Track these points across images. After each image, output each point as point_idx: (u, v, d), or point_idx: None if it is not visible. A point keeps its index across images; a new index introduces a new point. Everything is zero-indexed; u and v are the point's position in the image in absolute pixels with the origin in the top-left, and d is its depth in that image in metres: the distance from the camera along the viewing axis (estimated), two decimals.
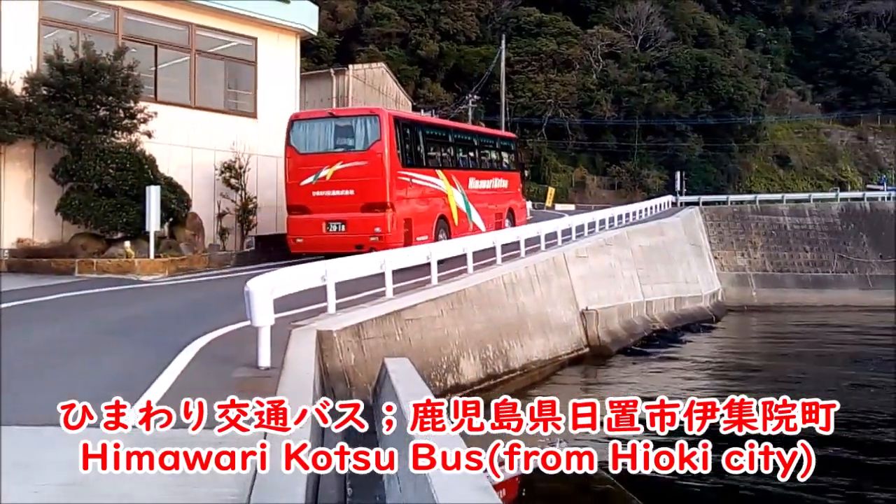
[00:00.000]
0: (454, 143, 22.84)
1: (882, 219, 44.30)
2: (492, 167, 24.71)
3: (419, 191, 19.68)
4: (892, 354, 23.34)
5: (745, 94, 62.38)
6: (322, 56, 56.05)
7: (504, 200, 24.57)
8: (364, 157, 18.36)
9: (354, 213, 18.20)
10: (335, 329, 9.90)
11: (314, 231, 18.47)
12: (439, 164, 21.14)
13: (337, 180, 18.34)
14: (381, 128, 18.34)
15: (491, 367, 14.23)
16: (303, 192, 18.69)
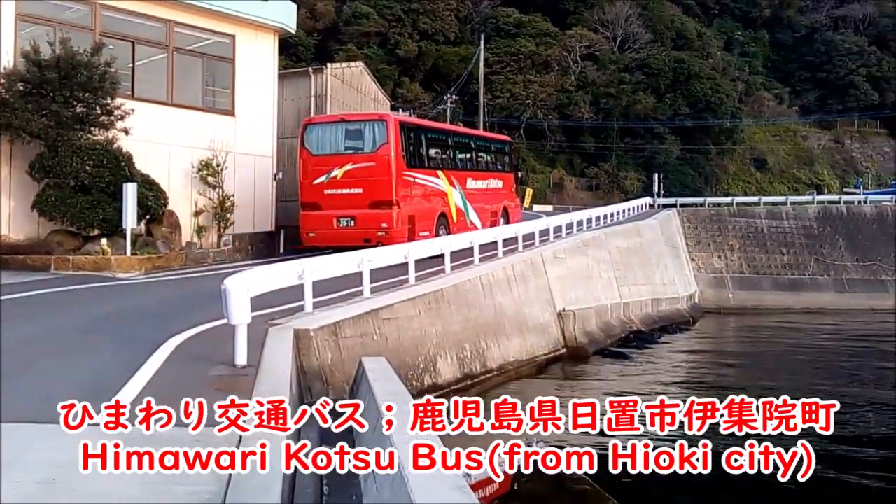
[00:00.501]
0: (453, 146, 24.55)
1: (858, 222, 44.85)
2: (488, 168, 26.27)
3: (422, 190, 21.22)
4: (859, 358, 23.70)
5: (722, 97, 62.93)
6: (300, 55, 55.86)
7: (499, 200, 26.08)
8: (372, 159, 20.01)
9: (363, 209, 19.78)
10: (312, 328, 9.89)
11: (326, 226, 20.02)
12: (440, 165, 22.71)
13: (347, 179, 19.99)
14: (388, 131, 20.04)
15: (468, 367, 14.27)
16: (315, 190, 20.32)
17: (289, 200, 26.19)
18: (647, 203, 44.39)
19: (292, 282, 10.82)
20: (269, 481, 4.65)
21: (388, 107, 36.87)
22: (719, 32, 77.77)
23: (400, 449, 4.54)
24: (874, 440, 13.32)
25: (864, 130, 75.32)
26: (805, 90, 76.52)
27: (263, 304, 10.25)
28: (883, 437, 13.82)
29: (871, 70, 73.79)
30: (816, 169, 70.68)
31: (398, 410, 5.70)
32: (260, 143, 22.64)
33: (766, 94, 74.90)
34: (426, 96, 60.29)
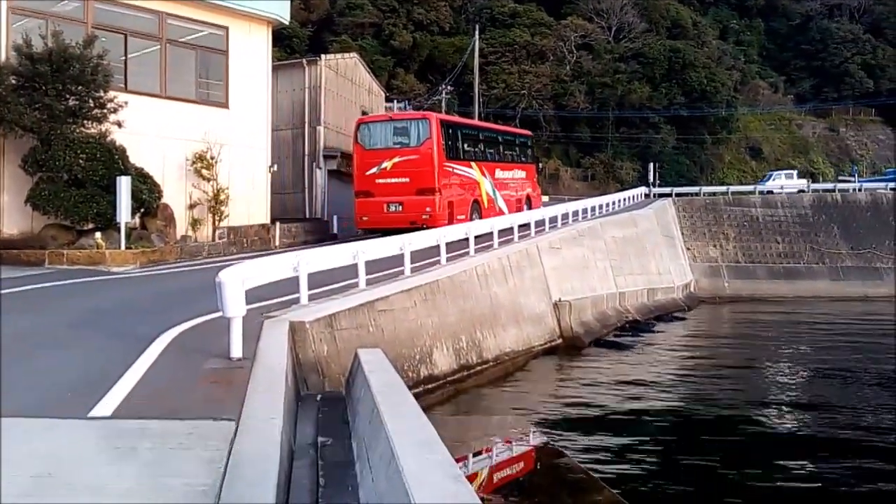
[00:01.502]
0: (484, 140, 27.30)
1: (853, 210, 44.91)
2: (513, 160, 28.92)
3: (459, 179, 24.16)
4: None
5: (717, 86, 62.84)
6: (294, 46, 55.62)
7: (522, 189, 28.96)
8: (417, 152, 23.00)
9: (410, 196, 22.61)
10: (308, 320, 9.86)
11: (377, 211, 22.83)
12: (473, 158, 25.47)
13: (395, 170, 22.86)
14: (431, 128, 23.12)
15: (464, 358, 14.26)
16: (368, 180, 23.17)
17: (284, 192, 26.16)
18: (643, 193, 44.42)
19: (287, 274, 10.80)
20: (264, 472, 4.63)
21: (382, 98, 36.80)
22: (714, 21, 77.61)
23: (395, 439, 4.52)
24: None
25: (858, 118, 75.31)
26: (800, 78, 76.46)
27: (259, 296, 10.24)
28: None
29: (866, 58, 73.69)
30: (812, 157, 70.70)
31: (394, 401, 5.69)
32: (254, 135, 22.58)
33: (761, 82, 74.84)
34: (421, 87, 60.09)
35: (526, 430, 11.16)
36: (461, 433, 11.35)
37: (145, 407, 6.16)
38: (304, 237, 24.82)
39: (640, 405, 14.15)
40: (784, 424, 13.49)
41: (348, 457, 5.97)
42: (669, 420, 13.51)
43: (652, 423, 12.96)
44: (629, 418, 13.12)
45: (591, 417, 13.11)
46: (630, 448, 11.30)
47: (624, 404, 14.12)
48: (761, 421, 13.37)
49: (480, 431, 11.69)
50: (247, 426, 5.50)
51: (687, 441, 11.99)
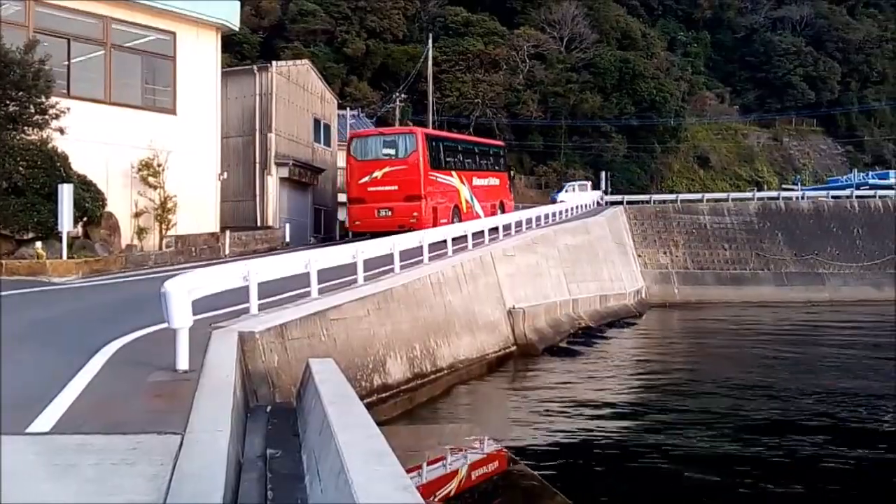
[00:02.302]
0: (462, 151, 29.67)
1: (796, 218, 46.05)
2: (488, 169, 31.30)
3: (441, 187, 26.43)
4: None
5: (666, 96, 63.98)
6: (245, 52, 55.05)
7: (497, 196, 31.14)
8: (405, 163, 25.36)
9: (398, 202, 24.87)
10: (257, 330, 9.67)
11: (369, 216, 25.06)
12: (453, 167, 27.74)
13: (385, 179, 25.09)
14: (417, 142, 25.61)
15: (418, 367, 14.16)
16: (360, 188, 25.44)
17: (234, 200, 25.80)
18: (595, 200, 44.89)
19: (237, 284, 10.58)
20: (210, 486, 4.50)
21: (335, 106, 36.62)
22: (663, 33, 79.07)
23: (345, 450, 4.42)
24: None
25: (801, 128, 77.40)
26: (745, 89, 78.32)
27: (208, 306, 10.03)
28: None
29: (808, 70, 75.79)
30: (757, 166, 72.37)
31: (344, 412, 5.58)
32: (203, 142, 22.25)
33: (708, 93, 76.43)
34: (374, 95, 59.92)
35: (480, 438, 11.11)
36: (415, 442, 11.25)
37: (86, 422, 5.97)
38: (256, 246, 24.49)
39: (592, 411, 14.22)
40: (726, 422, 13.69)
41: (298, 469, 5.87)
42: (622, 425, 13.60)
43: (604, 429, 13.02)
44: (581, 424, 13.17)
45: (545, 424, 13.14)
46: (583, 453, 11.33)
47: (576, 410, 14.18)
48: (709, 423, 13.52)
49: (434, 440, 11.60)
50: (192, 440, 5.35)
51: (640, 445, 12.07)
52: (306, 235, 31.26)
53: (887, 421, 14.19)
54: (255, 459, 6.19)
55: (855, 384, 17.41)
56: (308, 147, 32.21)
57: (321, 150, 34.00)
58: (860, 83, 78.86)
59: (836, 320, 32.69)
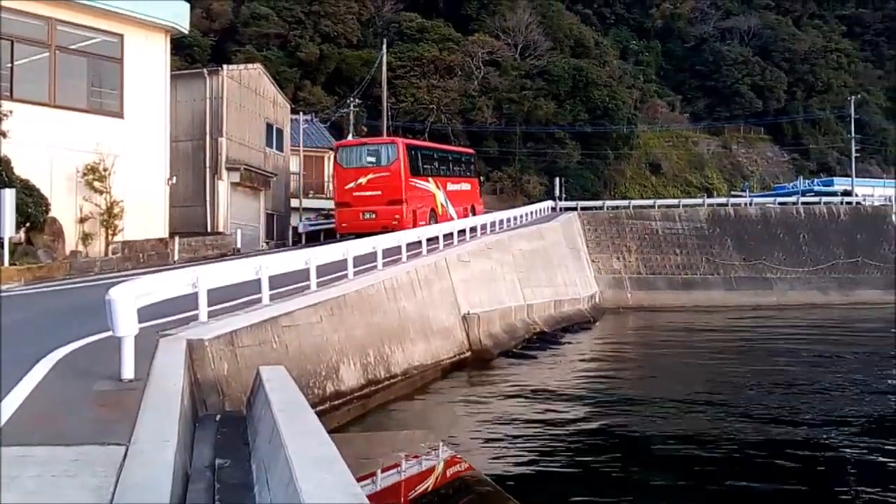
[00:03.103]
0: (438, 159, 31.88)
1: (745, 223, 47.01)
2: (460, 175, 33.48)
3: (420, 192, 28.58)
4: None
5: (619, 104, 64.79)
6: (196, 55, 54.25)
7: (468, 200, 33.44)
8: (388, 170, 27.60)
9: (381, 206, 27.01)
10: (207, 338, 9.50)
11: (355, 218, 27.26)
12: (430, 174, 29.99)
13: (369, 185, 27.39)
14: (398, 150, 27.99)
15: (372, 373, 14.06)
16: (347, 193, 27.81)
17: (184, 206, 25.36)
18: (549, 206, 45.26)
19: (185, 290, 10.38)
20: (155, 498, 4.42)
21: (287, 110, 36.32)
22: (615, 42, 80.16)
23: (294, 459, 4.34)
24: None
25: (749, 136, 79.08)
26: (695, 98, 79.77)
27: (156, 314, 9.84)
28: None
29: (756, 79, 77.51)
30: (707, 173, 73.70)
31: (295, 420, 5.48)
32: (151, 146, 21.87)
33: (659, 101, 77.64)
34: (329, 100, 59.53)
35: (434, 445, 11.03)
36: (369, 450, 11.14)
37: (28, 433, 5.81)
38: (206, 252, 24.11)
39: (546, 416, 14.27)
40: (678, 423, 13.85)
41: (247, 479, 5.79)
42: (576, 430, 13.65)
43: (559, 434, 13.06)
44: (536, 429, 13.19)
45: (499, 430, 13.12)
46: (536, 458, 11.34)
47: (531, 415, 14.21)
48: (663, 426, 13.66)
49: (388, 447, 11.50)
50: (137, 450, 5.24)
51: (593, 450, 12.13)
52: (258, 241, 30.91)
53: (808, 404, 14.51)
54: (204, 469, 6.08)
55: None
56: (260, 152, 31.88)
57: (274, 156, 33.69)
58: (806, 92, 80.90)
59: (782, 324, 33.43)
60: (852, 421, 14.01)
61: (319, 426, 5.32)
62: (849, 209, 50.59)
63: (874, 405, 15.89)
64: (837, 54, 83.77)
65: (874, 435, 13.03)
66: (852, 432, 13.13)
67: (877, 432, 13.28)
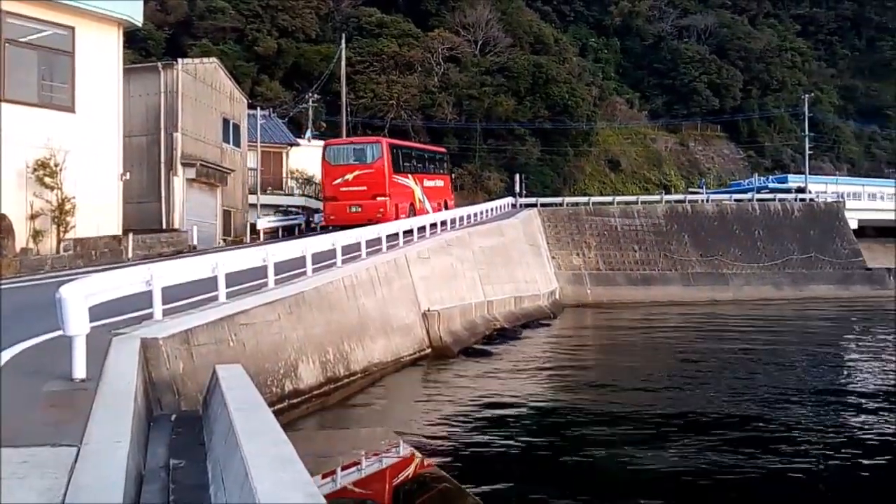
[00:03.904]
0: (415, 157, 34.46)
1: (702, 220, 47.73)
2: (434, 172, 35.94)
3: (401, 188, 31.22)
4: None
5: (578, 101, 65.24)
6: (150, 49, 53.31)
7: (442, 196, 35.99)
8: (372, 167, 30.19)
9: (367, 200, 29.55)
10: (161, 336, 9.35)
11: (342, 211, 29.64)
12: (409, 171, 32.64)
13: (356, 181, 29.88)
14: (382, 150, 30.61)
15: (331, 371, 13.97)
16: (334, 188, 30.28)
17: (138, 202, 24.93)
18: (510, 203, 45.43)
19: (139, 288, 10.19)
20: (107, 501, 4.34)
21: (244, 105, 35.93)
22: (575, 39, 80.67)
23: (250, 459, 4.27)
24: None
25: (706, 134, 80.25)
26: (653, 95, 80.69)
27: (109, 312, 9.66)
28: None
29: (712, 77, 78.66)
30: (665, 170, 74.63)
31: (251, 419, 5.41)
32: (104, 141, 21.43)
33: (618, 98, 78.34)
34: (287, 95, 58.96)
35: (394, 442, 11.00)
36: (328, 447, 11.07)
37: None
38: (161, 249, 23.73)
39: (505, 412, 14.31)
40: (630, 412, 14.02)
41: (203, 479, 5.73)
42: (534, 424, 13.73)
43: (517, 429, 13.12)
44: (496, 425, 13.23)
45: (459, 425, 13.13)
46: (496, 454, 11.38)
47: (490, 411, 14.24)
48: (619, 420, 13.79)
49: (348, 445, 11.43)
50: (89, 451, 5.14)
51: (552, 444, 12.20)
52: (215, 238, 30.54)
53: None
54: (158, 470, 6.01)
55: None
56: (217, 147, 31.49)
57: (230, 151, 33.31)
58: (761, 91, 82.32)
59: (736, 315, 34.05)
60: (782, 397, 14.78)
61: (276, 425, 5.25)
62: (802, 206, 51.69)
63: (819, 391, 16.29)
64: (792, 53, 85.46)
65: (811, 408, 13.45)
66: (785, 405, 14.03)
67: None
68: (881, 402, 15.71)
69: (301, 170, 45.51)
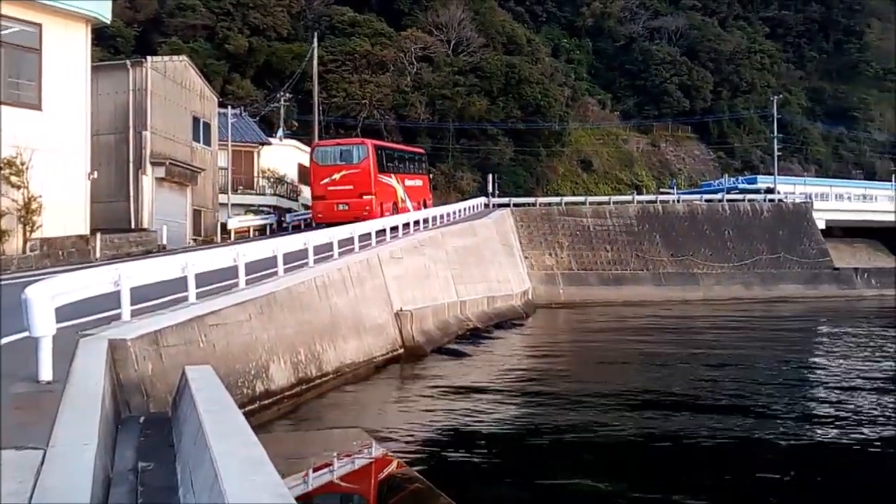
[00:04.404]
0: (397, 158, 36.18)
1: (673, 220, 48.15)
2: (414, 172, 37.74)
3: (385, 187, 32.91)
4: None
5: (551, 101, 65.50)
6: (119, 47, 52.62)
7: (421, 195, 37.76)
8: (359, 167, 31.81)
9: (353, 199, 31.14)
10: (129, 337, 9.25)
11: (329, 209, 31.22)
12: (392, 171, 34.36)
13: (343, 180, 31.47)
14: (368, 151, 32.31)
15: (303, 372, 13.90)
16: (322, 187, 31.87)
17: (107, 201, 24.63)
18: (483, 203, 45.48)
19: (107, 289, 10.06)
20: (75, 503, 4.29)
21: (215, 104, 35.62)
22: (547, 39, 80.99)
23: (220, 460, 4.24)
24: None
25: (677, 135, 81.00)
26: (625, 96, 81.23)
27: (76, 313, 9.56)
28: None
29: (683, 79, 79.39)
30: (636, 170, 75.19)
31: (221, 420, 5.37)
32: (71, 139, 21.14)
33: (590, 99, 78.79)
34: (258, 93, 58.46)
35: (366, 443, 10.97)
36: (300, 449, 11.02)
37: None
38: (130, 249, 23.46)
39: (478, 411, 14.33)
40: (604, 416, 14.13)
41: (172, 481, 5.69)
42: (506, 425, 13.76)
43: (489, 429, 13.14)
44: (468, 425, 13.24)
45: (431, 426, 13.13)
46: (468, 454, 11.39)
47: (463, 411, 14.25)
48: (590, 421, 13.87)
49: (320, 446, 11.39)
50: (56, 454, 5.07)
51: (524, 444, 12.23)
52: (185, 238, 30.24)
53: None
54: (126, 473, 5.97)
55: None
56: (186, 146, 31.19)
57: (201, 150, 33.02)
58: (731, 92, 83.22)
59: (704, 320, 34.40)
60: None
61: (247, 426, 5.22)
62: (771, 206, 52.34)
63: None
64: (761, 55, 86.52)
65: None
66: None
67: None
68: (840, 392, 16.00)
69: (272, 169, 45.19)
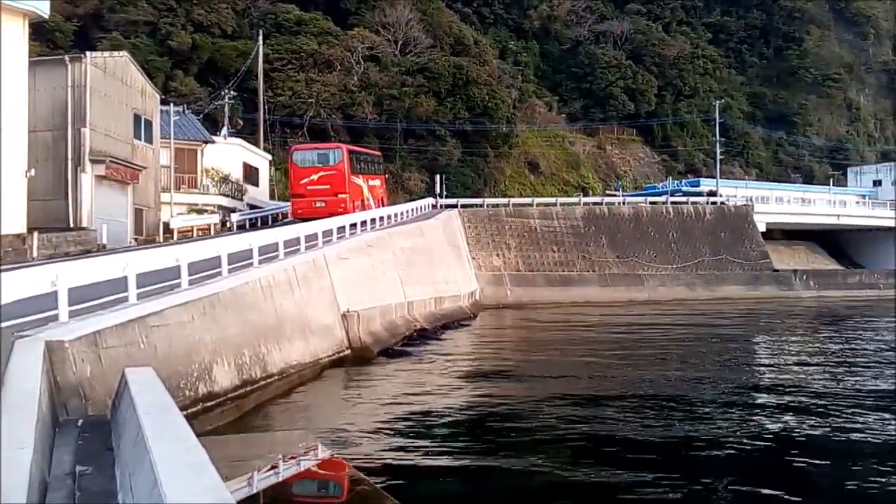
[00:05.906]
0: (362, 160, 39.88)
1: (618, 222, 48.87)
2: (374, 172, 41.43)
3: (356, 187, 36.65)
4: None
5: (498, 103, 65.87)
6: (58, 41, 51.16)
7: (380, 193, 41.23)
8: (334, 169, 35.57)
9: (329, 197, 34.72)
10: (67, 339, 9.01)
11: (308, 206, 34.47)
12: (360, 172, 38.17)
13: (320, 181, 35.15)
14: (342, 154, 36.48)
15: (247, 373, 13.71)
16: (302, 186, 35.51)
17: (44, 200, 23.99)
18: (430, 203, 45.53)
19: (43, 289, 9.78)
20: None
21: (157, 101, 34.94)
22: (494, 41, 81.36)
23: (159, 464, 4.15)
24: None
25: (622, 137, 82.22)
26: (572, 99, 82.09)
27: (11, 314, 9.27)
28: None
29: (628, 82, 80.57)
30: (583, 172, 76.09)
31: (161, 423, 5.26)
32: (7, 136, 20.47)
33: (537, 101, 79.40)
34: (202, 91, 57.41)
35: (312, 445, 10.87)
36: (244, 452, 10.85)
37: None
38: (68, 248, 22.84)
39: (424, 412, 14.32)
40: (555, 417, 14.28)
41: (111, 486, 5.58)
42: (453, 425, 13.77)
43: (436, 430, 13.14)
44: (414, 426, 13.22)
45: (377, 427, 13.08)
46: (414, 455, 11.37)
47: (409, 412, 14.23)
48: (538, 419, 13.99)
49: (265, 449, 11.24)
50: None
51: (469, 447, 12.27)
52: (126, 237, 29.58)
53: None
54: (64, 477, 5.85)
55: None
56: (127, 144, 30.52)
57: (142, 148, 32.34)
58: (674, 96, 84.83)
59: (647, 319, 34.96)
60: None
61: (188, 429, 5.12)
62: (714, 209, 53.51)
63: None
64: (704, 60, 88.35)
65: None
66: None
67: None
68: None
69: (217, 168, 44.46)
